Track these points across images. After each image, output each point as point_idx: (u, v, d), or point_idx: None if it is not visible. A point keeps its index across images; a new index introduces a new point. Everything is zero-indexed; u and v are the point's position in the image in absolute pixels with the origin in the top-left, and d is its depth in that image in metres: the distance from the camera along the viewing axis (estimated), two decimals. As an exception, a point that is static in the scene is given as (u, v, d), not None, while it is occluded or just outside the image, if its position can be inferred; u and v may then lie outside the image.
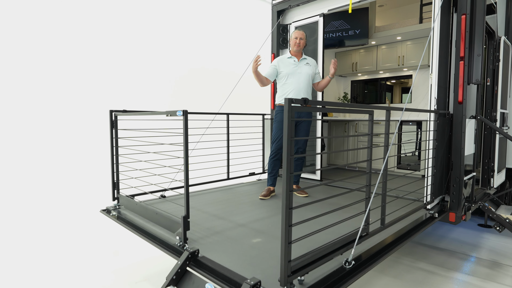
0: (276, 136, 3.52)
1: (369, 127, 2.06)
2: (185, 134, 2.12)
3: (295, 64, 3.48)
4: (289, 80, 3.44)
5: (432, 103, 3.04)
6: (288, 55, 3.55)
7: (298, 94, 3.43)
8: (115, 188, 3.06)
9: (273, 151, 3.56)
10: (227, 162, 4.10)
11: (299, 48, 3.50)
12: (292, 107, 1.42)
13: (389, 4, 5.44)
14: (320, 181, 4.45)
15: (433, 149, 2.92)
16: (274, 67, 3.51)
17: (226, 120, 4.04)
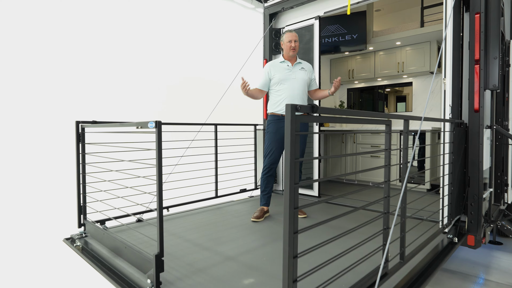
0: (269, 150, 3.12)
1: (386, 141, 1.68)
2: (159, 149, 1.71)
3: (288, 69, 3.11)
4: (282, 87, 3.06)
5: (446, 112, 2.70)
6: (280, 59, 3.18)
7: (292, 102, 3.06)
8: (81, 213, 2.60)
9: (266, 167, 3.15)
10: (215, 178, 3.68)
11: (295, 52, 3.14)
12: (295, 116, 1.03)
13: (386, 8, 5.18)
14: (319, 197, 4.05)
15: (449, 163, 2.56)
16: (267, 73, 3.14)
17: (214, 131, 3.63)
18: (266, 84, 3.13)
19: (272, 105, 3.15)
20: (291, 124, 1.01)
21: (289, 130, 1.01)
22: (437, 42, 4.52)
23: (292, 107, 1.01)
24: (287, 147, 1.03)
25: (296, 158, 1.04)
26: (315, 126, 4.04)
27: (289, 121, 1.01)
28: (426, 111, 4.92)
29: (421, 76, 4.90)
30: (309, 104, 1.07)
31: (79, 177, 2.58)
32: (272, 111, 3.14)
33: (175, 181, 3.27)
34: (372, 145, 4.84)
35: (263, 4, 4.34)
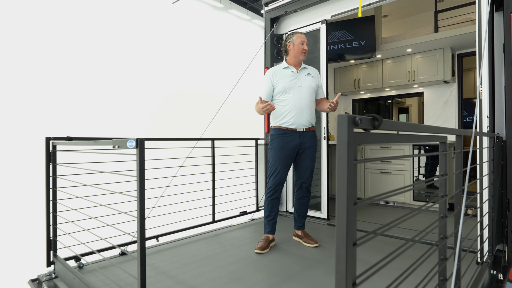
0: (273, 169, 2.70)
1: (441, 163, 1.28)
2: (140, 172, 1.29)
3: (293, 76, 2.72)
4: (287, 96, 2.67)
5: (484, 124, 2.32)
6: (284, 65, 2.78)
7: (300, 113, 2.68)
8: (50, 248, 2.14)
9: (271, 188, 2.72)
10: (213, 200, 3.24)
11: (305, 56, 2.78)
12: (353, 134, 0.63)
13: (394, 14, 4.90)
14: (328, 219, 3.62)
15: (489, 185, 2.17)
16: (269, 80, 2.73)
17: (211, 147, 3.22)
18: (271, 94, 2.74)
19: (276, 117, 2.74)
20: (349, 148, 0.60)
21: (345, 157, 0.60)
22: (451, 49, 4.21)
23: (350, 119, 0.60)
24: (341, 182, 0.62)
25: (355, 203, 0.63)
26: (323, 141, 3.65)
27: (344, 143, 0.60)
28: (438, 124, 4.58)
29: (433, 85, 4.58)
30: (369, 115, 0.67)
31: (49, 205, 2.13)
32: (276, 124, 2.73)
33: (167, 205, 2.84)
34: (382, 160, 4.45)
35: (264, 8, 4.01)
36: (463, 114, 4.31)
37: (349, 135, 0.61)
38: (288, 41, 2.76)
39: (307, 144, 2.72)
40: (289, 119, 2.66)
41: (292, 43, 2.74)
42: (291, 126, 2.66)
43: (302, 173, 2.77)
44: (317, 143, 2.84)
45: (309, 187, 2.83)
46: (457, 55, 4.35)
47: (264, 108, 2.48)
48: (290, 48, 2.75)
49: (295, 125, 2.66)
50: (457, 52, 4.35)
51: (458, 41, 3.96)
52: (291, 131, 2.67)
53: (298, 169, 2.78)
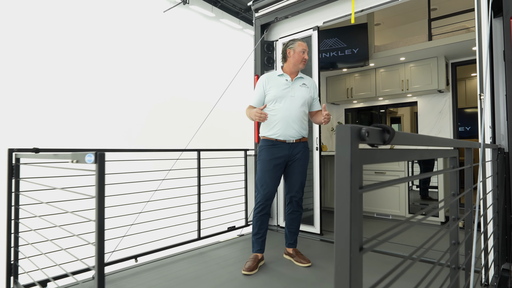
0: (262, 182, 2.51)
1: (452, 182, 1.11)
2: (99, 191, 1.09)
3: (287, 85, 2.56)
4: (277, 105, 2.50)
5: (486, 135, 2.17)
6: (278, 72, 2.63)
7: (288, 125, 2.51)
8: (10, 274, 1.90)
9: (260, 203, 2.52)
10: (198, 215, 3.03)
11: (304, 66, 2.63)
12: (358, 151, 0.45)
13: (387, 22, 4.83)
14: (320, 234, 3.43)
15: (494, 200, 2.02)
16: (262, 86, 2.57)
17: (197, 158, 3.02)
18: (261, 101, 2.58)
19: (265, 127, 2.56)
20: (352, 171, 0.42)
21: (347, 184, 0.42)
22: (445, 58, 4.13)
23: (354, 132, 0.43)
24: (342, 219, 0.44)
25: (361, 248, 0.45)
26: (316, 152, 3.49)
27: (346, 165, 0.42)
28: (433, 134, 4.47)
29: (427, 95, 4.48)
30: (377, 125, 0.49)
31: (10, 224, 1.90)
32: (265, 134, 2.56)
33: (147, 221, 2.62)
34: (376, 171, 4.31)
35: (254, 14, 3.88)
36: (458, 124, 4.21)
37: (352, 153, 0.43)
38: (289, 47, 2.60)
39: (298, 156, 2.56)
40: (277, 130, 2.51)
41: (293, 50, 2.57)
42: (280, 138, 2.51)
43: (292, 186, 2.60)
44: (308, 155, 2.67)
45: (300, 201, 2.64)
46: (451, 64, 4.27)
47: (258, 115, 2.32)
48: (290, 54, 2.58)
49: (283, 136, 2.51)
50: (451, 61, 4.27)
51: (452, 50, 3.88)
52: (280, 142, 2.52)
53: (288, 182, 2.62)
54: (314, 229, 3.49)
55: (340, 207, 0.44)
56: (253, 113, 2.36)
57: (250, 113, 2.47)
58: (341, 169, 0.44)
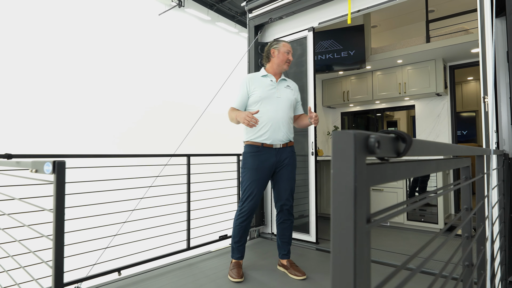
0: (249, 192, 2.38)
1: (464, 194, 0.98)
2: (58, 205, 0.94)
3: (272, 85, 2.44)
4: (264, 108, 2.37)
5: (491, 140, 2.06)
6: (262, 73, 2.50)
7: (277, 127, 2.39)
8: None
9: (245, 212, 2.39)
10: (187, 224, 2.88)
11: (288, 67, 2.53)
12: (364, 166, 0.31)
13: (383, 25, 4.74)
14: (316, 243, 3.29)
15: (500, 209, 1.89)
16: (245, 87, 2.43)
17: (187, 164, 2.87)
18: (245, 103, 2.45)
19: (249, 131, 2.41)
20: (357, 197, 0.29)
21: (350, 217, 0.29)
22: (443, 61, 4.03)
23: (359, 141, 0.29)
24: (344, 268, 0.30)
25: None
26: (311, 157, 3.36)
27: (349, 189, 0.29)
28: (431, 138, 4.36)
29: (425, 98, 4.38)
30: (390, 131, 0.36)
31: (-22, 238, 1.74)
32: (250, 139, 2.41)
33: (132, 231, 2.46)
34: (373, 187, 4.18)
35: (248, 15, 3.76)
36: (456, 129, 4.11)
37: (357, 172, 0.29)
38: (273, 47, 2.50)
39: (285, 161, 2.43)
40: (264, 133, 2.37)
41: (278, 50, 2.48)
42: (267, 141, 2.37)
43: (281, 194, 2.47)
44: (296, 160, 2.55)
45: (291, 209, 2.52)
46: (449, 67, 4.18)
47: (248, 120, 2.14)
48: (274, 54, 2.48)
49: (271, 140, 2.37)
50: (449, 64, 4.18)
51: (451, 52, 3.78)
52: (266, 148, 2.38)
53: (277, 189, 2.48)
54: (310, 237, 3.35)
55: (339, 249, 0.31)
56: (242, 116, 2.19)
57: (236, 116, 2.29)
58: (341, 195, 0.30)
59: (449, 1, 4.08)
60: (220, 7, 12.44)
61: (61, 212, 0.95)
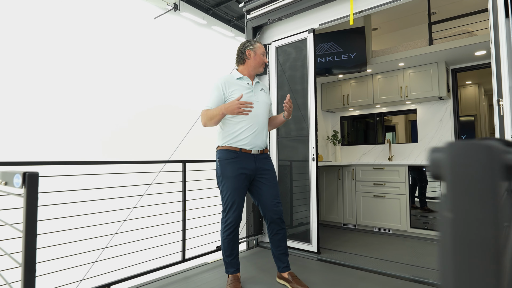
0: (231, 202, 2.22)
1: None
2: (28, 220, 0.80)
3: (249, 89, 2.31)
4: None
5: (506, 145, 1.93)
6: (237, 75, 2.35)
7: (257, 132, 2.28)
8: None
9: (231, 224, 2.24)
10: (183, 234, 2.72)
11: (263, 70, 2.43)
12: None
13: (384, 27, 4.65)
14: (318, 253, 3.14)
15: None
16: (220, 90, 2.25)
17: (182, 170, 2.72)
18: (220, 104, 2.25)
19: (226, 135, 2.25)
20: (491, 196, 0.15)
21: (490, 214, 0.15)
22: (446, 63, 3.94)
23: (497, 160, 0.15)
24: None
25: None
26: (312, 163, 3.23)
27: (490, 187, 0.15)
28: (434, 143, 4.26)
29: (427, 102, 4.29)
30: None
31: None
32: (226, 144, 2.24)
33: (124, 243, 2.30)
34: (375, 182, 4.07)
35: (245, 16, 3.65)
36: (460, 133, 4.01)
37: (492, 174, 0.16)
38: (249, 47, 2.35)
39: (266, 167, 2.31)
40: (244, 138, 2.23)
41: (254, 52, 2.34)
42: (246, 146, 2.22)
43: (269, 204, 2.29)
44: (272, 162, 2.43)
45: (282, 216, 2.36)
46: (451, 70, 4.09)
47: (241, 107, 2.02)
48: (250, 56, 2.33)
49: (251, 145, 2.24)
50: (451, 67, 4.09)
51: (454, 55, 3.70)
52: (244, 153, 2.23)
53: (263, 199, 2.30)
54: (311, 246, 3.21)
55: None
56: (232, 107, 2.03)
57: (221, 110, 2.09)
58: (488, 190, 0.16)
59: (452, 3, 4.00)
60: (216, 11, 12.36)
61: (32, 230, 0.80)
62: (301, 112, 3.34)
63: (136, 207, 2.39)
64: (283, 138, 3.48)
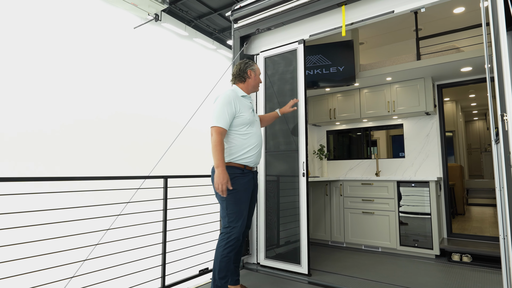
0: (240, 215, 2.23)
1: None
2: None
3: (251, 108, 2.43)
4: (251, 130, 2.34)
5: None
6: (240, 92, 2.40)
7: (260, 151, 2.44)
8: None
9: (237, 239, 2.21)
10: (163, 257, 2.45)
11: None
12: None
13: (370, 42, 4.66)
14: (309, 276, 2.95)
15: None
16: (233, 107, 2.26)
17: (163, 187, 2.48)
18: (230, 123, 2.28)
19: (235, 151, 2.28)
20: None
21: None
22: (432, 79, 3.96)
23: None
24: None
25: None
26: (302, 178, 3.07)
27: None
28: (421, 159, 4.23)
29: (413, 117, 4.27)
30: None
31: None
32: (233, 160, 2.27)
33: (95, 271, 2.01)
34: (364, 198, 3.96)
35: (233, 25, 3.52)
36: (446, 149, 4.00)
37: None
38: (251, 68, 2.44)
39: (256, 184, 2.46)
40: (251, 155, 2.32)
41: (254, 72, 2.46)
42: (250, 164, 2.32)
43: (249, 218, 2.42)
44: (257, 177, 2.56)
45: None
46: (437, 85, 4.11)
47: (223, 188, 2.11)
48: (251, 76, 2.44)
49: (254, 163, 2.36)
50: (437, 83, 4.12)
51: (440, 70, 3.71)
52: (248, 171, 2.32)
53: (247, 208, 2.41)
54: (301, 268, 3.01)
55: None
56: (220, 180, 2.09)
57: (219, 166, 2.11)
58: None
59: (438, 19, 4.05)
60: (198, 23, 12.26)
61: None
62: (289, 126, 3.20)
63: (110, 228, 2.12)
64: (271, 153, 3.31)
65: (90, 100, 8.54)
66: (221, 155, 2.12)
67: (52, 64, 7.79)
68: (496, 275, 2.91)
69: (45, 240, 1.79)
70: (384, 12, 2.72)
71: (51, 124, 7.44)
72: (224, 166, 2.13)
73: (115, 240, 2.15)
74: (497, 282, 2.73)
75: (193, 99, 11.60)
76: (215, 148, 2.14)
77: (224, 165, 2.13)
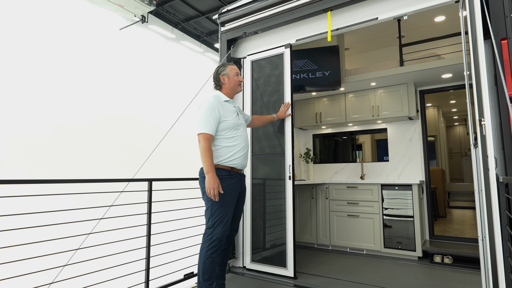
0: (224, 216, 2.24)
1: None
2: None
3: (235, 111, 2.45)
4: (237, 133, 2.39)
5: (490, 166, 1.90)
6: (223, 97, 2.44)
7: (247, 153, 2.48)
8: None
9: (219, 240, 2.21)
10: (147, 262, 2.41)
11: (241, 88, 2.58)
12: None
13: (355, 48, 4.75)
14: (294, 278, 2.95)
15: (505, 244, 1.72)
16: (217, 112, 2.30)
17: (148, 190, 2.44)
18: (216, 128, 2.31)
19: (222, 154, 2.31)
20: None
21: None
22: (415, 85, 4.06)
23: None
24: None
25: None
26: (288, 182, 3.08)
27: None
28: (404, 162, 4.32)
29: (397, 121, 4.37)
30: None
31: None
32: (220, 162, 2.30)
33: (76, 277, 1.96)
34: (349, 201, 4.01)
35: (220, 28, 3.52)
36: (429, 153, 4.10)
37: None
38: (222, 74, 2.45)
39: (243, 187, 2.46)
40: (237, 157, 2.35)
41: (227, 76, 2.45)
42: (237, 166, 2.35)
43: (236, 221, 2.44)
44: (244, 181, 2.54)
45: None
46: (419, 91, 4.22)
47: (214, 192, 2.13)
48: (225, 81, 2.45)
49: (240, 165, 2.38)
50: (419, 89, 4.23)
51: (422, 77, 3.81)
52: (235, 173, 2.34)
53: (234, 216, 2.43)
54: (286, 271, 3.01)
55: None
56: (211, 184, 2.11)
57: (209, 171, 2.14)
58: None
59: (420, 27, 4.17)
60: (186, 26, 12.21)
61: None
62: (275, 129, 3.22)
63: (92, 233, 2.07)
64: (258, 156, 3.31)
65: (74, 103, 8.36)
66: (210, 161, 2.15)
67: (35, 65, 7.60)
68: (476, 275, 2.99)
69: (22, 245, 1.73)
70: (368, 19, 2.78)
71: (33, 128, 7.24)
72: (214, 172, 2.15)
73: (97, 244, 2.10)
74: (477, 282, 2.80)
75: (180, 102, 11.51)
76: (203, 154, 2.17)
77: (214, 170, 2.15)
